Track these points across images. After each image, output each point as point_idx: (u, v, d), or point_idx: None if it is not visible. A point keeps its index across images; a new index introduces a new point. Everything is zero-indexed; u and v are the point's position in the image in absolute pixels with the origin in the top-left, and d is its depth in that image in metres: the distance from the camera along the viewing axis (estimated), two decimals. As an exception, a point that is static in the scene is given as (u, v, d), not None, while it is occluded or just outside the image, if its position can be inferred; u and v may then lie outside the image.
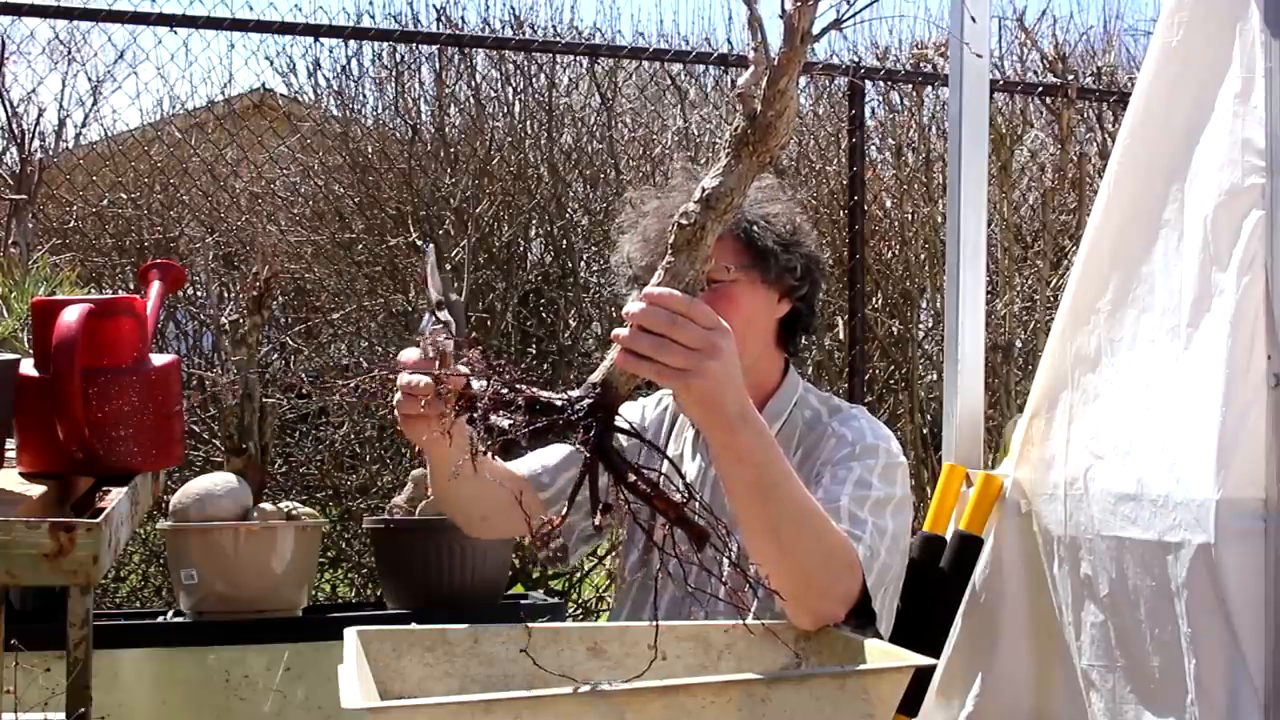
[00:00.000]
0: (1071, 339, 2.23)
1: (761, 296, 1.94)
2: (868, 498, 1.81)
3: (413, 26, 5.54)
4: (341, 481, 4.96)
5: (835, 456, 1.89)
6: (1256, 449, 1.88)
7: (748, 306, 1.92)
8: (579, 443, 1.29)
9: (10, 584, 1.60)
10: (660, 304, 1.34)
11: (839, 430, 1.94)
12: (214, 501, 2.82)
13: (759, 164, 1.34)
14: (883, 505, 1.82)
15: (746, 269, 1.91)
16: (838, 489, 1.82)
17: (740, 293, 1.91)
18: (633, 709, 1.20)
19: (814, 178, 5.33)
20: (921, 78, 5.24)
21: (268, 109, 5.50)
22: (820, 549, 1.60)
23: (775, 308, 1.98)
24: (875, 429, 1.96)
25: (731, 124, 1.36)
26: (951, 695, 2.35)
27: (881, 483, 1.84)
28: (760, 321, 1.96)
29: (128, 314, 1.60)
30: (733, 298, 1.89)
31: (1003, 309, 4.95)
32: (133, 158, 5.21)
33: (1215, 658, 1.88)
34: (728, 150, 1.34)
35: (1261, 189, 1.93)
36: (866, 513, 1.79)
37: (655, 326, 1.34)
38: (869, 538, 1.76)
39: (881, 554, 1.77)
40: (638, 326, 1.34)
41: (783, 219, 1.94)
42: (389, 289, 5.02)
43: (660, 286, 1.34)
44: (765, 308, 1.96)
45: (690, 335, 1.35)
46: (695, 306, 1.36)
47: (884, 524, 1.80)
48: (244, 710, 2.82)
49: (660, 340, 1.34)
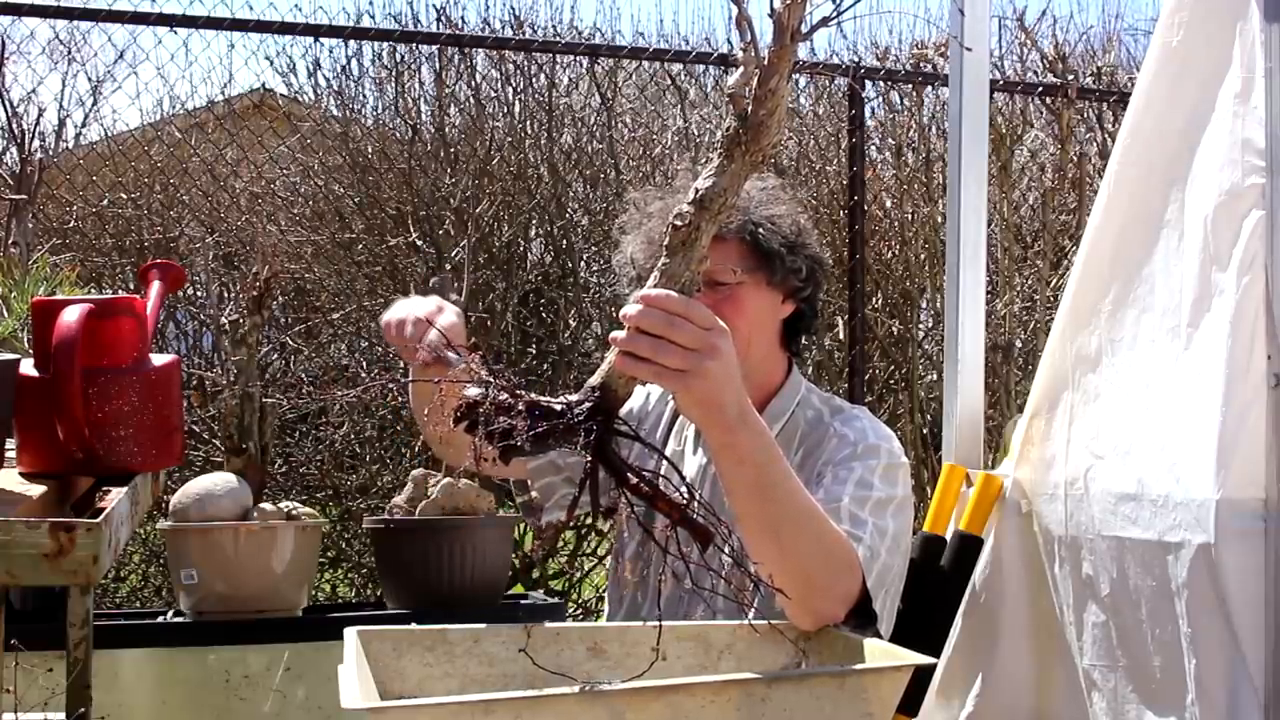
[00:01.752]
0: (1072, 339, 2.23)
1: (766, 298, 1.95)
2: (869, 498, 1.82)
3: (413, 26, 5.54)
4: (341, 481, 4.96)
5: (837, 456, 1.89)
6: (1256, 449, 1.88)
7: (753, 309, 1.93)
8: (579, 447, 1.29)
9: (10, 584, 1.60)
10: (657, 305, 1.34)
11: (841, 430, 1.94)
12: (214, 501, 2.82)
13: (751, 164, 1.34)
14: (884, 506, 1.82)
15: (752, 271, 1.92)
16: (839, 489, 1.82)
17: (746, 295, 1.92)
18: (632, 709, 1.20)
19: (814, 178, 5.33)
20: (921, 78, 5.25)
21: (268, 109, 5.50)
22: (820, 549, 1.60)
23: (780, 309, 1.98)
24: (877, 429, 1.96)
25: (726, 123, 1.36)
26: (951, 695, 2.35)
27: (883, 483, 1.84)
28: (765, 323, 1.97)
29: (128, 314, 1.60)
30: (738, 300, 1.90)
31: (1003, 309, 4.95)
32: (133, 158, 5.21)
33: (1215, 658, 1.88)
34: (720, 151, 1.35)
35: (1261, 189, 1.93)
36: (867, 513, 1.79)
37: (653, 328, 1.34)
38: (869, 538, 1.76)
39: (882, 554, 1.77)
40: (635, 328, 1.34)
41: (787, 220, 1.95)
42: (389, 289, 5.02)
43: (657, 288, 1.34)
44: (770, 309, 1.97)
45: (688, 336, 1.35)
46: (693, 307, 1.35)
47: (885, 524, 1.80)
48: (244, 710, 2.82)
49: (658, 342, 1.34)
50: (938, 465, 3.09)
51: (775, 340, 2.01)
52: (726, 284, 1.90)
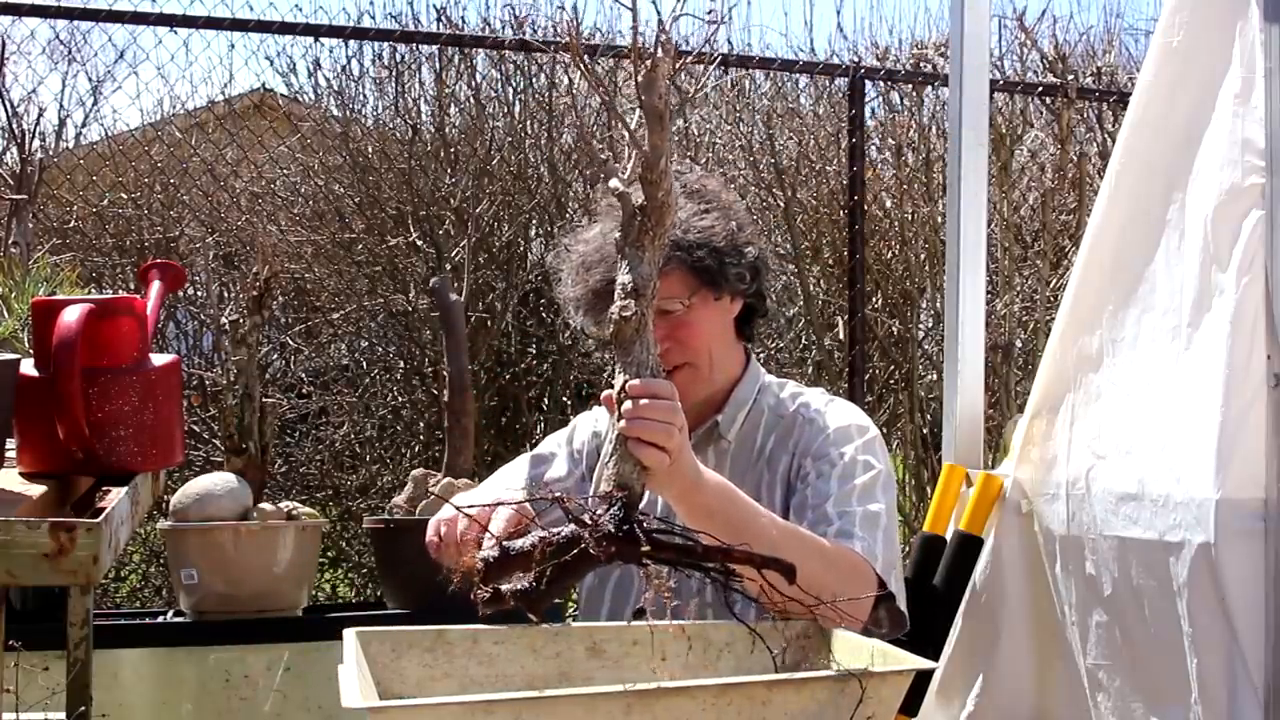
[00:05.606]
0: (1073, 339, 2.23)
1: (716, 310, 1.98)
2: (854, 489, 1.85)
3: (413, 26, 5.53)
4: (341, 481, 4.96)
5: (813, 446, 1.92)
6: (1256, 449, 1.88)
7: (706, 326, 1.96)
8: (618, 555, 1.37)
9: (10, 584, 1.60)
10: (656, 394, 1.46)
11: (809, 415, 1.97)
12: (214, 501, 2.82)
13: (662, 245, 1.48)
14: (870, 488, 1.86)
15: (697, 292, 1.94)
16: (824, 486, 1.86)
17: (697, 317, 1.94)
18: (634, 710, 1.20)
19: (814, 178, 5.33)
20: (921, 78, 5.24)
21: (268, 109, 5.49)
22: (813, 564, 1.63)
23: (730, 310, 2.01)
24: (842, 409, 1.99)
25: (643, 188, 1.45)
26: (952, 695, 2.36)
27: (864, 466, 1.88)
28: (719, 331, 1.99)
29: (128, 314, 1.60)
30: (691, 324, 1.94)
31: (1003, 309, 4.95)
32: (133, 158, 5.21)
33: (1216, 657, 1.88)
34: (631, 243, 1.47)
35: (1261, 189, 1.93)
36: (855, 503, 1.83)
37: (660, 415, 1.46)
38: (860, 529, 1.80)
39: (879, 537, 1.80)
40: (642, 418, 1.45)
41: (720, 230, 1.94)
42: (389, 289, 5.02)
43: (637, 379, 1.46)
44: (721, 317, 1.99)
45: (681, 417, 1.48)
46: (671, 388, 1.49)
47: (874, 507, 1.83)
48: (244, 710, 2.82)
49: (667, 427, 1.47)
50: (938, 465, 3.09)
51: (731, 338, 2.03)
52: (674, 312, 1.92)
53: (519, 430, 5.00)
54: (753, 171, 5.32)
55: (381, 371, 5.18)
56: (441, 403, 4.14)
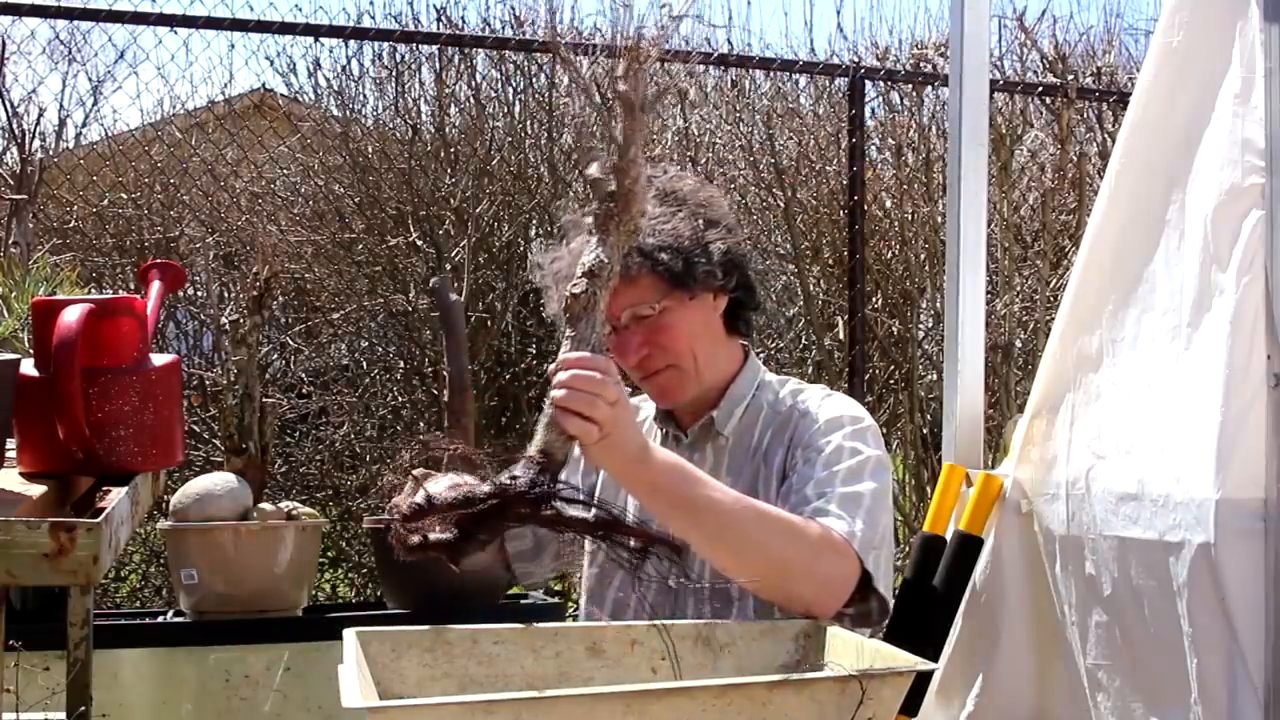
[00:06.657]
0: (1073, 339, 2.23)
1: (694, 310, 1.95)
2: (838, 471, 1.85)
3: (413, 26, 5.53)
4: (341, 481, 4.96)
5: (805, 436, 1.93)
6: (1256, 449, 1.88)
7: (684, 327, 1.94)
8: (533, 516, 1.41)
9: (10, 584, 1.60)
10: (584, 366, 1.50)
11: (804, 407, 1.98)
12: (214, 501, 2.82)
13: (628, 233, 1.53)
14: (857, 472, 1.86)
15: (669, 295, 1.92)
16: (808, 470, 1.87)
17: (672, 319, 1.93)
18: (633, 710, 1.20)
19: (814, 178, 5.33)
20: (921, 78, 5.24)
21: (268, 109, 5.50)
22: (778, 540, 1.67)
23: (712, 307, 1.99)
24: (838, 401, 1.99)
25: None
26: (951, 695, 2.35)
27: (852, 451, 1.88)
28: (702, 330, 1.98)
29: (128, 314, 1.60)
30: (667, 326, 1.93)
31: (1003, 309, 4.95)
32: (133, 158, 5.21)
33: (1216, 657, 1.88)
34: (598, 227, 1.52)
35: (1261, 189, 1.93)
36: (838, 485, 1.83)
37: (587, 386, 1.49)
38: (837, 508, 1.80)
39: (860, 516, 1.80)
40: (569, 388, 1.49)
41: (685, 229, 1.93)
42: (389, 289, 5.02)
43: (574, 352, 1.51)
44: (702, 316, 1.97)
45: (612, 391, 1.51)
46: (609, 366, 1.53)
47: (859, 489, 1.83)
48: (244, 710, 2.82)
49: (594, 398, 1.49)
50: (938, 465, 3.08)
51: (720, 335, 2.02)
52: (649, 316, 1.92)
53: (519, 430, 5.00)
54: (753, 171, 5.32)
55: (381, 371, 5.18)
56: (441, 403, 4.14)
